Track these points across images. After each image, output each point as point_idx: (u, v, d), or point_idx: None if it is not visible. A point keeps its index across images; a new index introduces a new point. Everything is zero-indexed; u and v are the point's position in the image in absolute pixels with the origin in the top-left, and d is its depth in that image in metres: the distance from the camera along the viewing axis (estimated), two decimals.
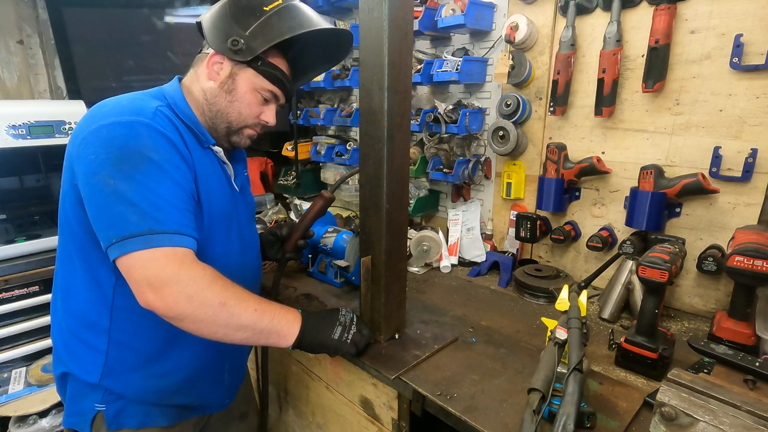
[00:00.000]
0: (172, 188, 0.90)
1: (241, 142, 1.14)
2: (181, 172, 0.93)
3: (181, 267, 0.86)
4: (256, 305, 0.95)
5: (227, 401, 1.27)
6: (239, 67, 1.06)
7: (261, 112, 1.12)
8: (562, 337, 0.98)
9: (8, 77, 2.34)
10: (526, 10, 1.67)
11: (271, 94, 1.11)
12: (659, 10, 1.35)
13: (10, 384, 1.86)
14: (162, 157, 0.90)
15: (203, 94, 1.08)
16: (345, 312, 1.14)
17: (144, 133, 0.90)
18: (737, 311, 1.19)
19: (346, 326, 1.10)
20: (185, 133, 1.01)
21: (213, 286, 0.89)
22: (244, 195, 1.22)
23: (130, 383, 1.06)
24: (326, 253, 1.67)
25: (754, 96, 1.26)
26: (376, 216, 1.18)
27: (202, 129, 1.06)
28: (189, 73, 1.12)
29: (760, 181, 1.29)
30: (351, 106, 2.39)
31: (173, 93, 1.06)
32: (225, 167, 1.12)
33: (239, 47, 1.01)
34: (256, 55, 1.03)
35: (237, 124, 1.10)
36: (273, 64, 1.08)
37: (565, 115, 1.66)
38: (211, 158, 1.08)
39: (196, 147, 1.03)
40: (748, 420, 0.70)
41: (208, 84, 1.07)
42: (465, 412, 0.99)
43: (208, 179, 1.03)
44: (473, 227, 1.95)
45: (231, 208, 1.12)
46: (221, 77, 1.06)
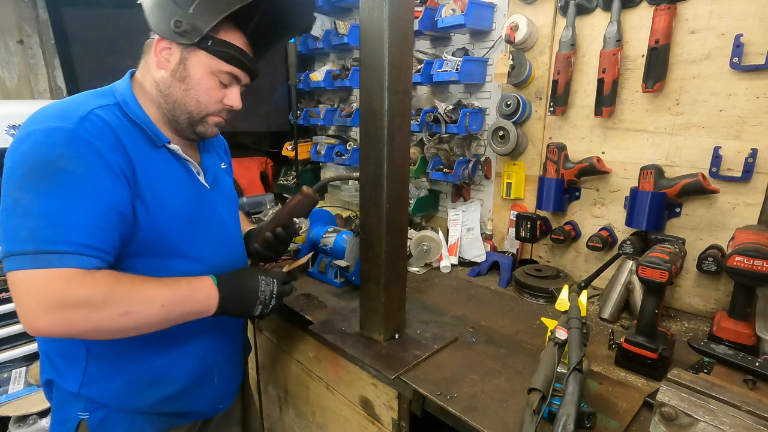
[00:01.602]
0: (82, 203, 0.82)
1: (207, 131, 1.06)
2: (101, 184, 0.84)
3: (68, 289, 0.79)
4: (164, 300, 0.89)
5: (221, 406, 1.22)
6: (189, 51, 0.96)
7: (223, 96, 1.03)
8: (562, 337, 0.98)
9: (8, 77, 2.34)
10: (526, 10, 1.67)
11: (230, 75, 1.02)
12: (659, 10, 1.34)
13: (10, 384, 1.86)
14: (78, 168, 0.82)
15: (156, 85, 0.99)
16: (264, 286, 1.05)
17: (62, 141, 0.83)
18: (737, 311, 1.19)
19: (267, 303, 1.05)
20: (132, 135, 0.94)
21: (109, 299, 0.83)
22: (219, 190, 1.15)
23: (112, 392, 1.02)
24: (326, 253, 1.67)
25: (754, 96, 1.26)
26: (376, 216, 1.18)
27: (154, 128, 0.98)
28: (140, 64, 1.03)
29: (760, 181, 1.29)
30: (351, 106, 2.39)
31: (123, 90, 0.98)
32: (187, 164, 1.05)
33: (183, 28, 0.92)
34: (204, 35, 0.94)
35: (198, 113, 1.02)
36: (226, 42, 0.98)
37: (565, 115, 1.66)
38: (167, 158, 1.00)
39: (145, 148, 0.96)
40: (748, 420, 0.70)
41: (159, 73, 0.98)
42: (465, 412, 0.99)
43: (160, 182, 0.96)
44: (473, 227, 1.95)
45: (195, 209, 1.04)
46: (171, 64, 0.97)
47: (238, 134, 2.67)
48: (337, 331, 1.34)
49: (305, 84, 2.50)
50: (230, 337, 1.20)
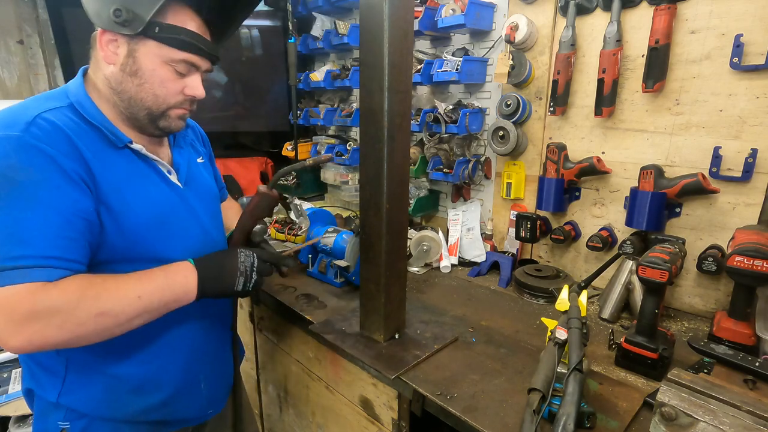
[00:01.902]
0: (42, 214, 0.78)
1: (171, 125, 0.99)
2: (60, 192, 0.80)
3: (36, 301, 0.76)
4: (139, 292, 0.86)
5: (210, 411, 1.18)
6: (136, 42, 0.89)
7: (182, 86, 0.96)
8: (562, 337, 0.98)
9: (8, 77, 2.34)
10: (526, 10, 1.67)
11: (186, 63, 0.94)
12: (659, 10, 1.34)
13: (10, 384, 1.86)
14: (32, 177, 0.78)
15: (107, 82, 0.92)
16: (245, 258, 1.01)
17: (10, 151, 0.78)
18: (737, 311, 1.19)
19: (248, 275, 1.01)
20: (89, 137, 0.88)
21: (81, 303, 0.79)
22: (195, 188, 1.09)
23: (93, 401, 0.99)
24: (326, 253, 1.67)
25: (754, 96, 1.26)
26: (376, 216, 1.18)
27: (112, 128, 0.92)
28: (90, 60, 0.95)
29: (760, 181, 1.29)
30: (351, 106, 2.39)
31: (75, 90, 0.92)
32: (154, 164, 0.99)
33: (124, 17, 0.84)
34: (149, 22, 0.86)
35: (157, 107, 0.95)
36: (176, 27, 0.90)
37: (565, 115, 1.66)
38: (131, 159, 0.95)
39: (105, 151, 0.90)
40: (748, 420, 0.70)
41: (108, 69, 0.91)
42: (465, 412, 0.99)
43: (125, 186, 0.91)
44: (473, 227, 1.95)
45: (167, 210, 0.99)
46: (120, 58, 0.90)
47: (238, 134, 2.67)
48: (337, 331, 1.34)
49: (305, 84, 2.50)
50: (217, 342, 1.17)
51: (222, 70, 2.45)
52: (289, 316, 1.53)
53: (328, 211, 1.93)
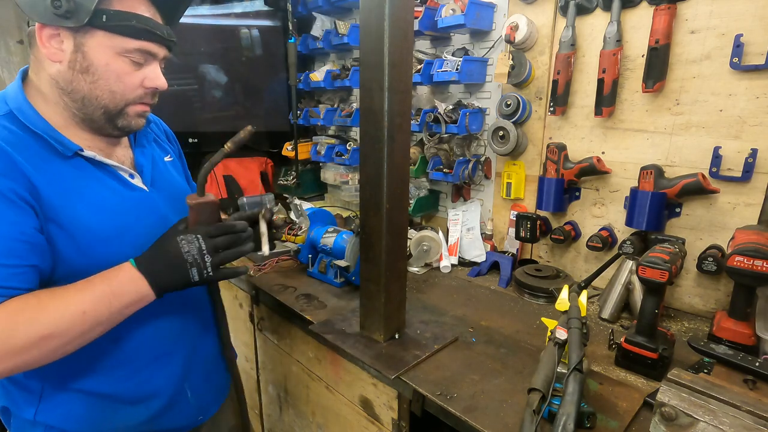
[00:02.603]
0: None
1: (131, 123, 0.91)
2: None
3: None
4: (82, 306, 0.78)
5: (201, 418, 1.14)
6: (82, 34, 0.80)
7: (141, 78, 0.88)
8: (562, 337, 0.98)
9: (8, 77, 2.33)
10: (526, 10, 1.67)
11: (142, 52, 0.85)
12: (659, 10, 1.35)
13: None
14: None
15: (54, 83, 0.83)
16: (187, 245, 0.86)
17: None
18: (737, 311, 1.19)
19: (200, 263, 0.86)
20: (30, 149, 0.81)
21: (17, 329, 0.73)
22: (162, 188, 1.01)
23: (72, 417, 0.94)
24: (326, 253, 1.67)
25: (754, 96, 1.26)
26: (376, 216, 1.18)
27: (58, 136, 0.84)
28: (30, 59, 0.86)
29: (760, 181, 1.29)
30: (351, 106, 2.39)
31: (14, 95, 0.84)
32: (112, 169, 0.91)
33: (65, 7, 0.75)
34: (94, 10, 0.77)
35: (115, 105, 0.87)
36: (125, 13, 0.81)
37: (565, 115, 1.66)
38: (83, 167, 0.87)
39: (51, 162, 0.82)
40: (748, 420, 0.70)
41: (54, 67, 0.82)
42: (465, 412, 0.99)
43: (78, 198, 0.84)
44: (473, 227, 1.95)
45: (130, 219, 0.92)
46: (66, 54, 0.81)
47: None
48: (337, 331, 1.34)
49: (305, 84, 2.50)
50: (201, 349, 1.12)
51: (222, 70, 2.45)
52: (289, 316, 1.53)
53: (328, 211, 1.93)
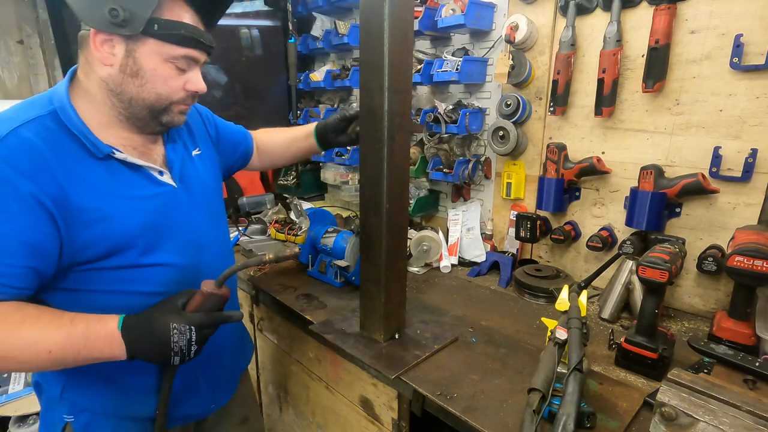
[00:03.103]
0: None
1: (174, 120, 0.97)
2: (6, 217, 0.78)
3: None
4: (51, 346, 0.80)
5: (213, 406, 1.18)
6: (134, 41, 0.85)
7: (184, 82, 0.94)
8: (562, 337, 0.98)
9: (8, 77, 2.34)
10: (526, 10, 1.67)
11: (187, 58, 0.91)
12: (659, 10, 1.34)
13: (10, 384, 1.86)
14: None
15: (104, 84, 0.88)
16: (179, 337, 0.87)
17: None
18: (737, 311, 1.19)
19: (184, 353, 0.88)
20: (66, 149, 0.85)
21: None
22: (189, 185, 1.05)
23: (95, 397, 1.00)
24: (326, 253, 1.67)
25: (754, 96, 1.26)
26: (376, 216, 1.18)
27: (92, 138, 0.88)
28: (79, 60, 0.91)
29: (760, 181, 1.29)
30: (351, 106, 2.39)
31: (60, 94, 0.88)
32: (143, 169, 0.96)
33: (122, 17, 0.80)
34: (149, 19, 0.82)
35: (159, 105, 0.93)
36: (175, 22, 0.86)
37: (565, 115, 1.66)
38: (113, 168, 0.91)
39: (83, 162, 0.87)
40: (748, 420, 0.70)
41: (105, 71, 0.87)
42: (465, 412, 0.99)
43: (105, 198, 0.88)
44: (473, 227, 1.95)
45: (157, 216, 0.96)
46: (118, 59, 0.86)
47: None
48: (337, 331, 1.34)
49: (305, 84, 2.50)
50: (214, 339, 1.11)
51: (222, 70, 2.45)
52: (289, 316, 1.53)
53: (328, 211, 1.93)
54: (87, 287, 0.91)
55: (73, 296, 0.91)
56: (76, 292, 0.91)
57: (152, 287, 0.96)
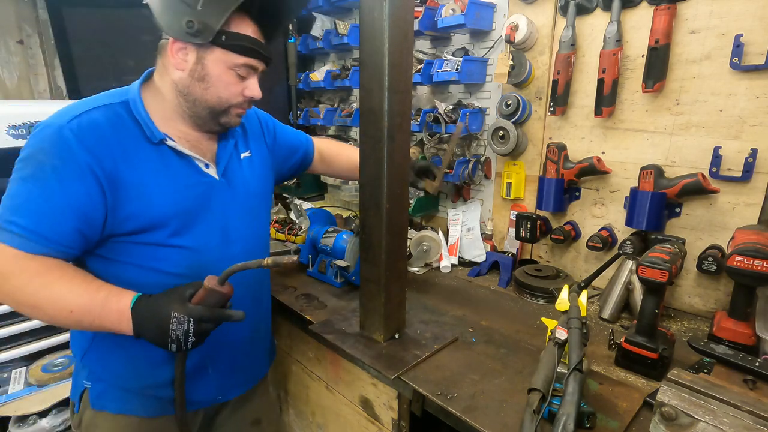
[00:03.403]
0: (43, 195, 0.89)
1: (231, 121, 1.09)
2: (64, 184, 0.89)
3: (6, 264, 0.89)
4: (73, 306, 0.90)
5: (219, 397, 1.23)
6: (204, 50, 0.97)
7: (243, 88, 1.05)
8: (562, 337, 0.98)
9: (8, 77, 2.34)
10: (526, 10, 1.67)
11: (247, 67, 1.03)
12: (659, 10, 1.34)
13: (10, 384, 1.86)
14: (52, 163, 0.90)
15: (174, 86, 1.01)
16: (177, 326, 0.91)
17: (47, 137, 0.91)
18: (737, 311, 1.19)
19: (181, 342, 0.92)
20: (129, 133, 0.97)
21: (26, 288, 0.89)
22: (231, 181, 1.13)
23: (109, 367, 1.09)
24: (326, 253, 1.67)
25: (754, 96, 1.26)
26: (376, 216, 1.18)
27: (151, 125, 1.00)
28: (157, 64, 1.05)
29: (760, 181, 1.29)
30: (351, 106, 2.39)
31: (134, 90, 1.02)
32: (191, 159, 1.06)
33: (196, 28, 0.92)
34: (218, 31, 0.94)
35: (219, 107, 1.04)
36: (240, 35, 0.98)
37: (565, 115, 1.66)
38: (165, 154, 1.02)
39: (140, 145, 0.99)
40: (748, 420, 0.70)
41: (177, 74, 1.00)
42: (465, 412, 0.99)
43: (151, 178, 0.99)
44: (473, 227, 1.95)
45: (194, 203, 1.05)
46: (189, 65, 0.99)
47: None
48: (337, 331, 1.34)
49: (305, 84, 2.50)
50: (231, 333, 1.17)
51: None
52: (289, 316, 1.53)
53: (328, 211, 1.93)
54: (119, 258, 1.01)
55: (106, 264, 1.01)
56: (109, 261, 1.01)
57: (173, 268, 1.04)
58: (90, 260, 1.01)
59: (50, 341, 1.95)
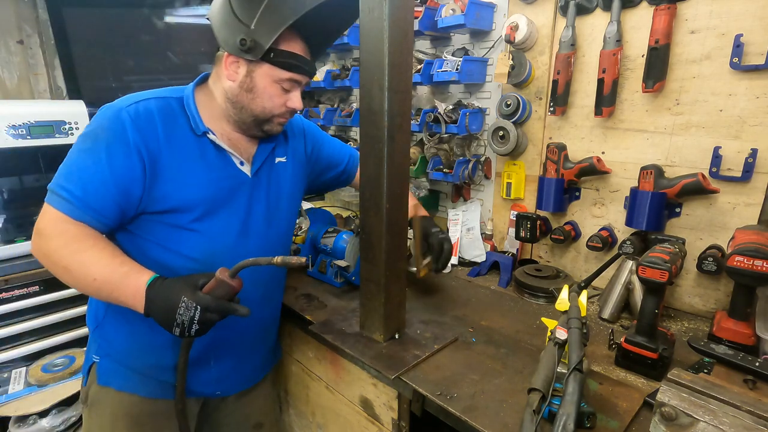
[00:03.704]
0: (92, 167, 0.99)
1: (273, 129, 1.18)
2: (113, 159, 0.99)
3: (49, 224, 0.97)
4: (96, 275, 0.97)
5: (217, 392, 1.27)
6: (254, 64, 1.07)
7: (286, 100, 1.14)
8: (562, 337, 0.98)
9: (8, 77, 2.34)
10: (526, 10, 1.67)
11: (291, 81, 1.12)
12: (659, 10, 1.35)
13: (10, 384, 1.86)
14: (106, 138, 1.00)
15: (224, 93, 1.11)
16: (184, 311, 0.95)
17: (108, 116, 1.02)
18: (737, 311, 1.19)
19: (185, 327, 0.95)
20: (177, 123, 1.07)
21: (62, 250, 0.97)
22: (261, 180, 1.21)
23: (116, 342, 1.16)
24: (326, 253, 1.67)
25: (754, 96, 1.26)
26: (376, 216, 1.18)
27: (198, 119, 1.10)
28: (213, 71, 1.16)
29: (760, 181, 1.29)
30: (351, 106, 2.39)
31: (189, 89, 1.14)
32: (227, 154, 1.14)
33: (248, 45, 1.02)
34: (267, 49, 1.03)
35: (263, 116, 1.13)
36: (287, 52, 1.07)
37: (565, 115, 1.66)
38: (205, 146, 1.11)
39: (185, 135, 1.08)
40: (748, 420, 0.70)
41: (228, 84, 1.10)
42: (465, 412, 0.99)
43: (188, 165, 1.08)
44: (473, 227, 1.95)
45: (222, 194, 1.12)
46: (239, 77, 1.09)
47: None
48: (337, 331, 1.34)
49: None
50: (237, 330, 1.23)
51: None
52: (289, 316, 1.53)
53: (328, 211, 1.93)
54: (143, 235, 1.08)
55: (132, 239, 1.09)
56: (135, 237, 1.09)
57: (189, 251, 1.10)
58: (119, 234, 1.10)
59: (50, 341, 1.96)
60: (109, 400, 1.17)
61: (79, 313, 2.01)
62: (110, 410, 1.17)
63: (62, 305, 1.98)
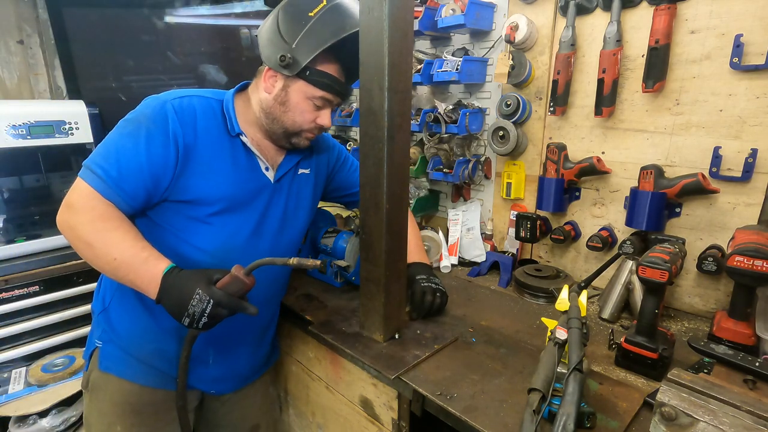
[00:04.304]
0: (130, 150, 1.03)
1: (300, 143, 1.22)
2: (151, 145, 1.04)
3: (80, 199, 1.00)
4: (117, 255, 0.99)
5: (213, 390, 1.30)
6: (291, 80, 1.13)
7: (316, 117, 1.18)
8: (562, 337, 0.98)
9: (8, 77, 2.33)
10: (526, 10, 1.67)
11: (323, 99, 1.16)
12: (659, 10, 1.35)
13: (10, 384, 1.86)
14: (147, 127, 1.04)
15: (260, 103, 1.17)
16: (197, 302, 0.97)
17: (152, 105, 1.07)
18: (737, 311, 1.19)
19: (195, 318, 0.98)
20: (214, 121, 1.13)
21: (88, 225, 0.99)
22: (283, 188, 1.26)
23: (119, 328, 1.18)
24: (326, 253, 1.67)
25: (754, 96, 1.26)
26: (376, 216, 1.19)
27: (234, 121, 1.16)
28: (253, 82, 1.23)
29: (760, 181, 1.29)
30: (351, 106, 2.39)
31: (229, 94, 1.20)
32: (254, 156, 1.19)
33: (287, 62, 1.08)
34: (304, 66, 1.09)
35: (293, 129, 1.18)
36: (322, 72, 1.13)
37: (565, 115, 1.66)
38: (237, 147, 1.16)
39: (220, 134, 1.14)
40: (748, 420, 0.70)
41: (264, 95, 1.16)
42: (465, 412, 0.99)
43: (218, 159, 1.13)
44: (473, 227, 1.95)
45: (244, 195, 1.17)
46: (275, 90, 1.15)
47: None
48: (337, 331, 1.34)
49: None
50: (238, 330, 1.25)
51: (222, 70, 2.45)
52: (289, 316, 1.52)
53: (328, 211, 1.93)
54: (162, 223, 1.12)
55: (151, 226, 1.13)
56: (153, 224, 1.13)
57: (202, 244, 1.14)
58: (139, 219, 1.13)
59: (50, 341, 1.96)
60: (110, 386, 1.19)
61: (79, 313, 2.01)
62: (110, 397, 1.19)
63: (62, 305, 1.98)
